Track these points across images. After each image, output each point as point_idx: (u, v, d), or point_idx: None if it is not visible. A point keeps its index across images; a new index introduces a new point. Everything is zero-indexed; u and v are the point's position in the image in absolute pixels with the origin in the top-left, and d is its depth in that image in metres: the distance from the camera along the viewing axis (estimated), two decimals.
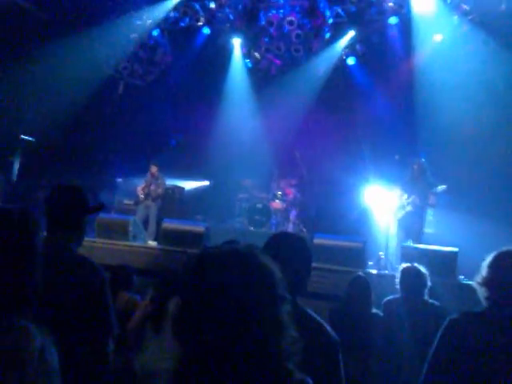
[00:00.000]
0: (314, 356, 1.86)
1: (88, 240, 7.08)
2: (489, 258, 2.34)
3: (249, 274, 1.20)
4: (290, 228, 9.31)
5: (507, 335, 2.12)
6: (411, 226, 7.20)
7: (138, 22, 10.81)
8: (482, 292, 2.29)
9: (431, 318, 3.61)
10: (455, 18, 9.08)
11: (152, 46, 11.11)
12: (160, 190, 9.20)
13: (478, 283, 2.35)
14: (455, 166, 8.65)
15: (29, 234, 1.61)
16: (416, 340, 3.58)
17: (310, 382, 1.32)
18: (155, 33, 10.96)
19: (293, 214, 9.54)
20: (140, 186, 9.28)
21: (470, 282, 3.88)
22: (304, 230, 9.26)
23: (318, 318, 2.07)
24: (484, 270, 2.31)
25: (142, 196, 9.16)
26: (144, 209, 9.10)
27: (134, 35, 10.84)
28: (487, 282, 2.26)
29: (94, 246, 6.54)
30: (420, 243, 6.72)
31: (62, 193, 2.54)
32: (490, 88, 8.61)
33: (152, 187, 9.16)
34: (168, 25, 10.92)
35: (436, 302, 4.11)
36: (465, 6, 8.82)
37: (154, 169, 9.30)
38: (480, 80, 8.65)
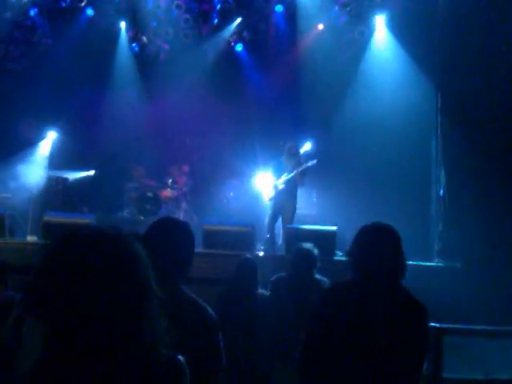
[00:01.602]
0: (194, 337, 1.90)
1: None
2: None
3: (113, 258, 1.16)
4: (181, 216, 9.21)
5: (371, 306, 2.27)
6: (282, 205, 7.38)
7: (13, 1, 10.00)
8: (349, 264, 2.45)
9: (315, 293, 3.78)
10: (336, 8, 9.52)
11: (29, 26, 10.32)
12: None
13: (346, 255, 2.52)
14: (341, 148, 9.14)
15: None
16: (302, 314, 3.74)
17: (181, 358, 1.32)
18: (33, 12, 10.19)
19: (184, 202, 9.46)
20: None
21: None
22: (195, 217, 9.23)
23: (200, 301, 2.10)
24: (351, 243, 2.48)
25: None
26: None
27: (7, 14, 10.00)
28: (352, 254, 2.41)
29: None
30: (292, 222, 7.02)
31: None
32: (365, 75, 9.15)
33: None
34: (47, 4, 10.22)
35: (324, 278, 4.33)
36: None
37: None
38: (356, 68, 9.18)
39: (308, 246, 4.27)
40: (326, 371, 2.28)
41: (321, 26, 9.82)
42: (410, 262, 5.76)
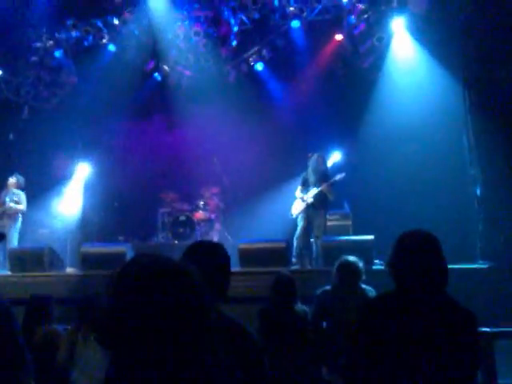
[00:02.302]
0: (237, 358, 1.87)
1: (1, 275, 6.70)
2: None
3: (180, 292, 1.15)
4: (216, 237, 9.25)
5: (414, 318, 2.19)
6: (313, 218, 7.32)
7: (38, 44, 10.41)
8: (390, 273, 2.37)
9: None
10: (352, 17, 9.49)
11: (56, 67, 10.72)
12: (20, 207, 8.32)
13: (386, 266, 2.43)
14: (371, 155, 9.03)
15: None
16: (347, 325, 3.66)
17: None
18: (58, 54, 10.58)
19: (217, 223, 9.50)
20: None
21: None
22: (229, 237, 9.23)
23: (239, 322, 2.07)
24: (391, 253, 2.39)
25: None
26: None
27: (34, 58, 10.42)
28: (392, 265, 2.33)
29: (9, 280, 6.14)
30: (324, 235, 6.93)
31: None
32: (389, 80, 9.07)
33: (7, 204, 8.23)
34: (71, 44, 10.60)
35: (369, 287, 4.25)
36: (359, 5, 9.26)
37: (12, 181, 8.49)
38: (378, 75, 9.15)
39: (352, 258, 4.23)
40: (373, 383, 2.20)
41: (339, 37, 9.81)
42: (454, 266, 5.63)
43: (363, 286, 4.24)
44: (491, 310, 5.13)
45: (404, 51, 9.04)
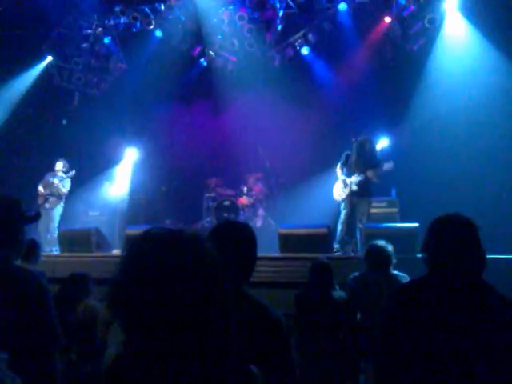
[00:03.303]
0: (260, 340, 1.86)
1: (51, 255, 6.99)
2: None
3: (193, 257, 1.13)
4: (259, 222, 9.28)
5: (446, 303, 2.10)
6: (357, 204, 7.16)
7: (88, 31, 10.69)
8: (423, 258, 2.28)
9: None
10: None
11: (104, 54, 11.00)
12: (64, 190, 8.53)
13: (421, 250, 2.34)
14: (421, 141, 8.76)
15: None
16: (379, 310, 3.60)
17: (254, 369, 1.28)
18: (106, 40, 10.84)
19: (261, 208, 9.52)
20: (40, 186, 8.57)
21: None
22: (273, 222, 9.23)
23: (264, 303, 2.03)
24: (424, 237, 2.30)
25: (41, 198, 8.46)
26: (45, 213, 8.27)
27: (85, 45, 10.72)
28: (426, 249, 2.24)
29: (58, 260, 6.40)
30: (368, 220, 6.76)
31: None
32: (440, 63, 8.73)
33: (54, 187, 8.49)
34: (119, 31, 10.82)
35: (403, 274, 4.16)
36: None
37: (59, 165, 8.67)
38: (429, 58, 8.79)
39: (381, 242, 4.15)
40: (405, 374, 2.14)
41: (388, 19, 9.51)
42: (502, 256, 5.40)
43: (396, 272, 4.14)
44: None
45: (456, 33, 8.69)
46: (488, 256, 2.19)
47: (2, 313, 2.18)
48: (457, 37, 8.71)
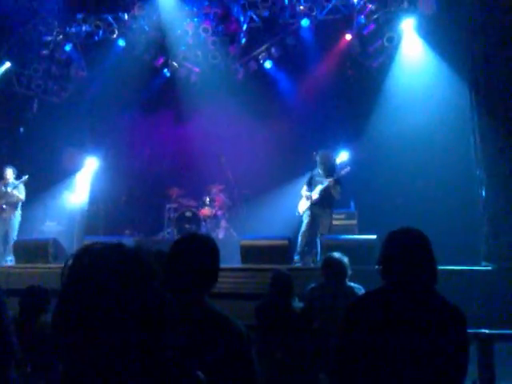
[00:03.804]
0: (218, 348, 1.87)
1: (5, 266, 6.78)
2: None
3: (128, 272, 1.13)
4: (221, 233, 9.28)
5: (399, 310, 2.18)
6: (318, 216, 7.28)
7: (49, 38, 10.50)
8: (378, 270, 2.36)
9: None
10: (362, 17, 9.47)
11: (65, 61, 10.82)
12: (21, 197, 8.25)
13: (376, 263, 2.42)
14: (378, 155, 9.00)
15: None
16: (337, 322, 3.67)
17: (201, 375, 1.30)
18: (68, 48, 10.67)
19: (223, 220, 9.53)
20: None
21: None
22: (235, 234, 9.25)
23: (225, 313, 2.06)
24: (379, 250, 2.39)
25: None
26: (2, 223, 8.08)
27: (44, 51, 10.52)
28: (381, 261, 2.32)
29: (12, 271, 6.21)
30: (329, 233, 6.90)
31: None
32: (397, 80, 9.04)
33: (9, 195, 8.17)
34: (80, 39, 10.68)
35: (358, 285, 4.26)
36: (370, 6, 9.24)
37: (9, 173, 8.33)
38: (387, 74, 9.12)
39: (337, 254, 4.26)
40: (359, 382, 2.20)
41: (348, 36, 9.78)
42: (457, 267, 5.61)
43: (352, 284, 4.24)
44: (494, 312, 5.11)
45: (413, 52, 9.02)
46: (441, 267, 2.29)
47: None
48: (413, 55, 9.04)
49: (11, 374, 2.37)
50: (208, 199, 9.61)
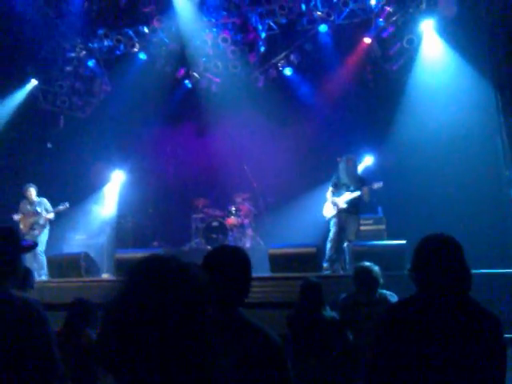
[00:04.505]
0: (255, 361, 1.90)
1: (40, 281, 6.94)
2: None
3: (184, 289, 1.17)
4: (248, 242, 9.32)
5: (435, 319, 2.19)
6: (345, 222, 7.26)
7: (72, 54, 10.75)
8: (412, 277, 2.37)
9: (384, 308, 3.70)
10: (380, 20, 9.44)
11: (89, 76, 11.05)
12: (51, 215, 8.40)
13: (409, 270, 2.43)
14: (404, 159, 8.94)
15: None
16: (370, 331, 3.66)
17: None
18: (90, 63, 10.90)
19: (249, 228, 9.57)
20: (17, 216, 8.37)
21: None
22: (261, 242, 9.28)
23: (260, 325, 2.06)
24: (412, 257, 2.39)
25: (25, 227, 8.26)
26: (31, 239, 7.99)
27: (69, 68, 10.76)
28: (414, 268, 2.33)
29: (47, 286, 6.36)
30: (356, 239, 6.86)
31: None
32: (419, 82, 8.94)
33: (44, 214, 8.37)
34: (103, 54, 10.91)
35: (391, 293, 4.25)
36: (388, 8, 9.21)
37: (33, 192, 8.43)
38: (409, 77, 9.07)
39: (367, 264, 4.26)
40: None
41: (368, 40, 9.75)
42: (487, 270, 5.52)
43: (384, 291, 4.23)
44: None
45: (433, 53, 8.94)
46: (473, 271, 2.29)
47: (2, 342, 2.20)
48: (434, 56, 8.96)
49: None
50: (234, 208, 9.67)
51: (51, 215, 8.42)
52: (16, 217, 8.40)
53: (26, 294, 2.91)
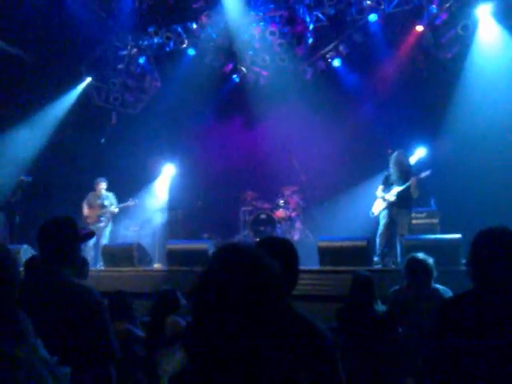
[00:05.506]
0: (307, 355, 1.89)
1: (95, 270, 7.20)
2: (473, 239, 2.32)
3: (254, 274, 1.22)
4: (297, 235, 9.30)
5: (493, 315, 2.10)
6: (396, 216, 7.08)
7: (124, 52, 11.03)
8: (469, 272, 2.28)
9: (436, 303, 3.59)
10: (433, 7, 9.13)
11: (140, 73, 11.31)
12: (116, 210, 8.91)
13: (465, 264, 2.34)
14: (458, 150, 8.64)
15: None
16: (421, 325, 3.57)
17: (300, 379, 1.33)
18: (141, 60, 11.16)
19: (298, 221, 9.54)
20: (86, 207, 8.81)
21: None
22: (310, 235, 9.23)
23: (309, 317, 2.06)
24: (469, 251, 2.30)
25: (92, 218, 8.71)
26: (97, 232, 8.39)
27: (120, 65, 11.05)
28: (471, 263, 2.24)
29: (102, 275, 6.59)
30: (409, 233, 6.68)
31: (52, 225, 2.59)
32: (475, 70, 8.61)
33: (111, 208, 8.85)
34: (153, 51, 11.13)
35: (445, 288, 4.11)
36: None
37: (103, 185, 8.91)
38: (463, 65, 8.73)
39: (421, 255, 4.09)
40: None
41: (420, 28, 9.46)
42: None
43: (437, 285, 4.08)
44: None
45: (490, 39, 8.54)
46: None
47: (61, 327, 2.29)
48: (492, 43, 8.57)
49: (112, 375, 2.50)
50: (282, 201, 9.67)
51: (116, 210, 8.81)
52: (86, 208, 8.81)
53: (84, 282, 3.01)
